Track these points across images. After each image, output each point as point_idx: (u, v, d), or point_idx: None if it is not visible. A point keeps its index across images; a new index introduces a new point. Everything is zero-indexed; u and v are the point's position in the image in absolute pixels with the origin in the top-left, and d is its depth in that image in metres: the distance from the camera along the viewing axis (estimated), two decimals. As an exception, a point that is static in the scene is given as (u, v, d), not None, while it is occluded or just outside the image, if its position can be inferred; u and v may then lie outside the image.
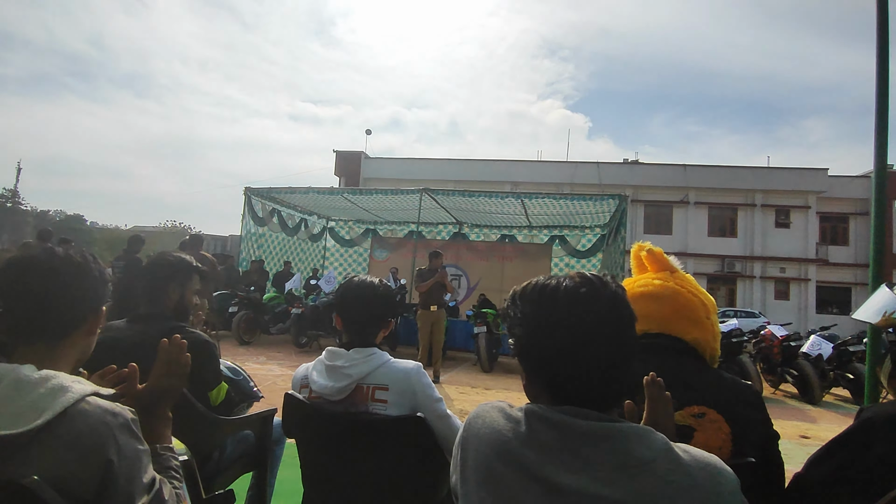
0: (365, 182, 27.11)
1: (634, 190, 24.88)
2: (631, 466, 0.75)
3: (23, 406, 0.82)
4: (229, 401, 2.02)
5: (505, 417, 0.86)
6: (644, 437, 0.78)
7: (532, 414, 0.82)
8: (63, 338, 1.00)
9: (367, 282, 1.63)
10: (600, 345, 0.82)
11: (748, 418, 1.27)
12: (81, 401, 0.87)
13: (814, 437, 5.25)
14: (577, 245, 12.40)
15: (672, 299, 1.40)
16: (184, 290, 1.99)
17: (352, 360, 1.49)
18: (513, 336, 0.90)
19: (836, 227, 25.41)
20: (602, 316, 0.83)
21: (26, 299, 0.97)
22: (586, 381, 0.82)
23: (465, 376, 7.55)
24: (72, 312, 1.01)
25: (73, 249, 1.07)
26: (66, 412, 0.84)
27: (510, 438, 0.82)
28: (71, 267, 1.01)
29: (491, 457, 0.82)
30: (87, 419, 0.85)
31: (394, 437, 1.43)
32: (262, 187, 11.29)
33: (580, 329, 0.82)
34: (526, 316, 0.86)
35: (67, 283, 1.00)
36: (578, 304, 0.83)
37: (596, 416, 0.80)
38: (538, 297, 0.87)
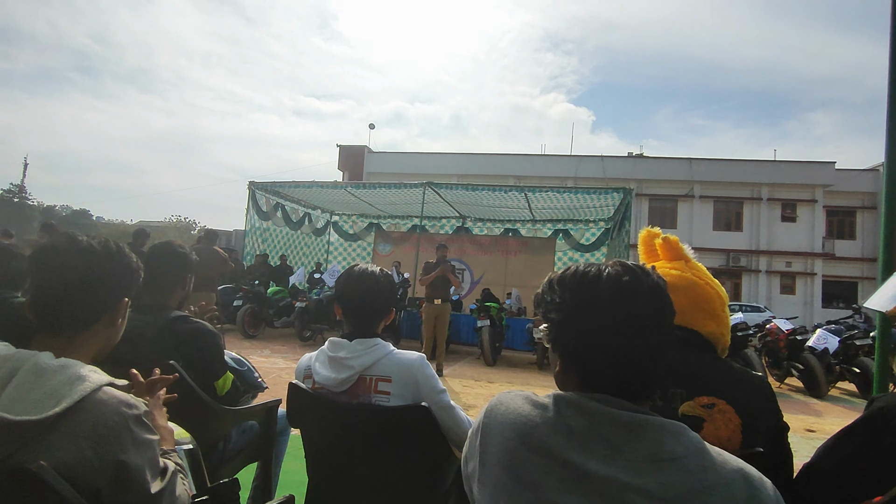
0: (368, 176, 27.09)
1: (639, 184, 24.76)
2: (662, 459, 0.73)
3: (41, 393, 0.83)
4: (235, 391, 2.02)
5: (531, 403, 0.85)
6: (678, 432, 0.76)
7: (562, 400, 0.81)
8: (82, 328, 1.01)
9: (367, 271, 1.61)
10: (639, 335, 0.81)
11: (758, 409, 1.26)
12: (98, 390, 0.87)
13: (819, 430, 5.23)
14: (581, 239, 12.37)
15: (690, 290, 1.38)
16: (186, 282, 1.99)
17: (354, 352, 1.48)
18: (548, 321, 0.88)
19: (842, 221, 25.24)
20: (643, 306, 0.82)
21: (46, 290, 0.98)
22: (622, 371, 0.81)
23: (469, 370, 7.55)
24: (91, 303, 1.01)
25: (97, 237, 1.06)
26: (83, 401, 0.84)
27: (538, 423, 0.80)
28: (91, 256, 1.01)
29: (515, 441, 0.81)
30: (104, 409, 0.86)
31: (398, 427, 1.43)
32: (266, 182, 11.29)
33: (620, 317, 0.80)
34: (565, 301, 0.85)
35: (86, 274, 1.00)
36: (620, 291, 0.82)
37: (629, 405, 0.79)
38: (578, 283, 0.85)
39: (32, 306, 0.98)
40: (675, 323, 1.33)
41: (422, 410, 1.42)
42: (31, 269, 1.00)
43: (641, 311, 0.81)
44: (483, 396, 5.60)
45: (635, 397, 0.81)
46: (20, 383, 0.84)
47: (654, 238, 1.58)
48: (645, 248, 1.60)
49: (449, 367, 7.56)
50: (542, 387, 6.61)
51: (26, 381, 0.84)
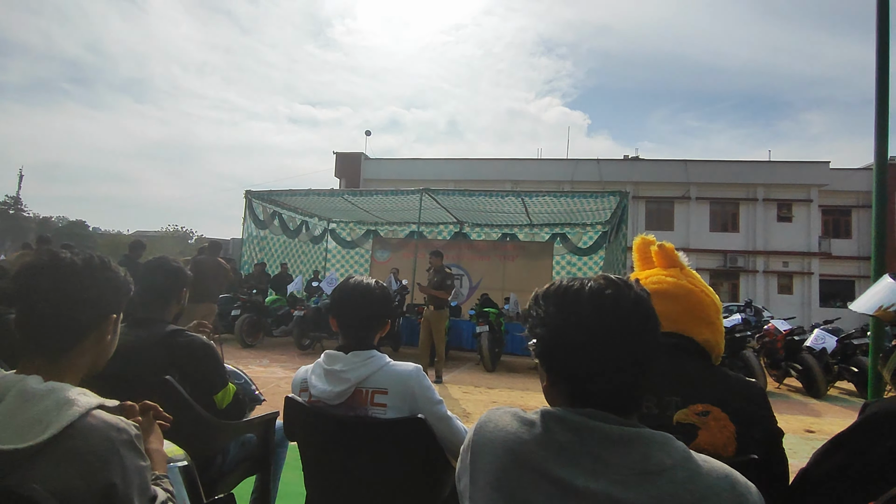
0: (365, 183, 27.10)
1: (635, 186, 24.81)
2: (651, 472, 0.74)
3: (28, 419, 0.82)
4: (238, 403, 1.99)
5: (519, 420, 0.85)
6: (665, 443, 0.77)
7: (549, 416, 0.82)
8: (68, 348, 0.98)
9: (363, 283, 1.61)
10: (623, 347, 0.81)
11: (752, 416, 1.27)
12: (87, 415, 0.86)
13: (819, 431, 5.23)
14: (579, 243, 12.38)
15: (686, 298, 1.39)
16: (182, 296, 1.99)
17: (350, 364, 1.48)
18: (534, 336, 0.89)
19: (838, 220, 25.31)
20: (626, 318, 0.82)
21: (29, 310, 0.96)
22: (608, 384, 0.81)
23: (468, 376, 7.54)
24: (76, 323, 0.98)
25: (80, 253, 1.03)
26: (71, 426, 0.83)
27: (526, 440, 0.81)
28: (74, 274, 0.98)
29: (504, 459, 0.81)
30: (92, 434, 0.85)
31: (395, 439, 1.43)
32: (263, 190, 11.30)
33: (604, 330, 0.81)
34: (549, 315, 0.85)
35: (70, 293, 0.97)
36: (603, 305, 0.83)
37: (616, 419, 0.79)
38: (562, 298, 0.86)
39: (18, 326, 0.97)
40: (670, 330, 1.34)
41: (418, 423, 1.42)
42: (14, 289, 0.97)
43: (624, 323, 0.82)
44: (483, 403, 5.59)
45: (622, 410, 0.82)
46: (7, 409, 0.83)
47: (648, 245, 1.59)
48: (640, 255, 1.61)
49: (448, 374, 7.55)
50: (542, 391, 6.59)
51: (13, 407, 0.83)
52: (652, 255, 1.55)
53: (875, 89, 2.56)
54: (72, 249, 1.06)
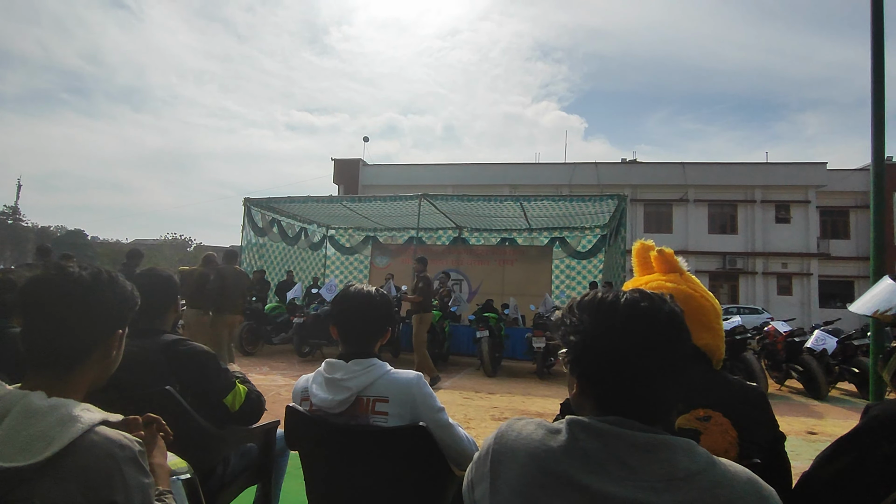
0: (364, 189, 27.14)
1: (633, 189, 24.87)
2: (677, 478, 0.75)
3: (32, 436, 0.82)
4: (252, 402, 1.97)
5: (543, 428, 0.86)
6: (690, 449, 0.78)
7: (575, 424, 0.83)
8: (74, 364, 0.98)
9: (363, 291, 1.61)
10: (656, 358, 0.83)
11: (754, 420, 1.27)
12: (90, 431, 0.86)
13: (821, 433, 5.22)
14: (578, 246, 12.40)
15: (686, 303, 1.39)
16: (177, 305, 2.00)
17: (351, 373, 1.48)
18: (566, 344, 0.90)
19: (836, 220, 25.37)
20: (660, 330, 0.84)
21: (36, 325, 0.96)
22: (638, 393, 0.83)
23: (469, 381, 7.52)
24: (82, 339, 0.98)
25: (89, 268, 1.02)
26: (74, 443, 0.83)
27: (551, 447, 0.82)
28: (82, 289, 0.98)
29: (529, 467, 0.82)
30: (95, 451, 0.84)
31: (396, 448, 1.42)
32: (262, 198, 11.32)
33: (638, 340, 0.83)
34: (584, 323, 0.87)
35: (77, 309, 0.97)
36: (638, 315, 0.84)
37: (641, 426, 0.80)
38: (598, 307, 0.87)
39: (23, 342, 0.96)
40: None
41: (419, 430, 1.41)
42: (21, 304, 0.97)
43: (658, 335, 0.83)
44: (484, 408, 5.58)
45: (650, 419, 0.83)
46: (11, 425, 0.83)
47: (648, 250, 1.60)
48: (639, 260, 1.62)
49: (449, 379, 7.54)
50: (543, 396, 6.59)
51: (17, 423, 0.83)
52: (651, 260, 1.55)
53: (871, 90, 2.57)
54: (80, 263, 1.05)
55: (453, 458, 1.49)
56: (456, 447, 1.49)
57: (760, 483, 0.78)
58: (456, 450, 1.49)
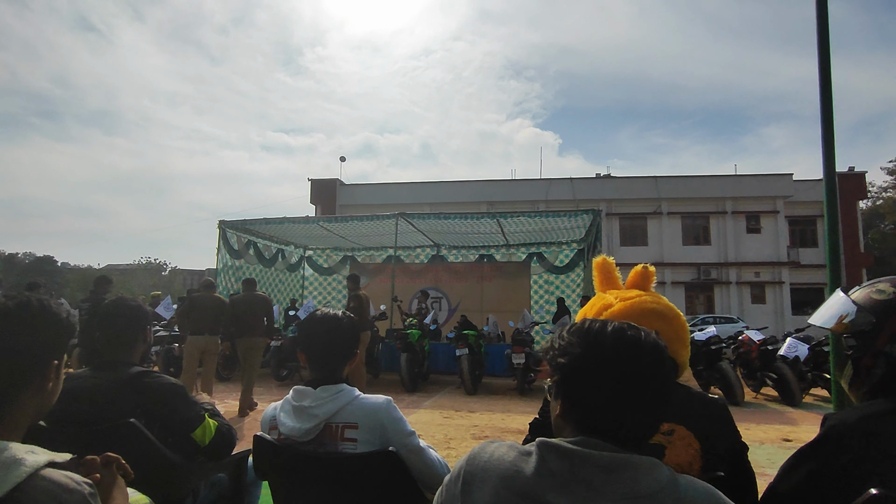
0: (341, 209, 27.04)
1: (608, 203, 25.28)
2: (640, 496, 0.77)
3: None
4: (223, 437, 1.91)
5: (514, 450, 0.88)
6: (652, 468, 0.80)
7: (544, 445, 0.85)
8: (7, 401, 0.92)
9: (329, 315, 1.61)
10: (636, 384, 0.86)
11: (716, 433, 1.29)
12: (35, 476, 0.81)
13: (796, 439, 5.30)
14: (555, 261, 12.50)
15: (676, 320, 1.43)
16: (147, 334, 1.96)
17: (319, 399, 1.46)
18: (554, 365, 0.92)
19: (804, 229, 26.11)
20: (643, 358, 0.87)
21: None
22: (616, 417, 0.85)
23: (449, 400, 7.47)
24: (11, 375, 0.93)
25: (15, 297, 0.97)
26: (17, 489, 0.78)
27: (522, 469, 0.84)
28: (7, 322, 0.93)
29: (499, 488, 0.84)
30: (40, 496, 0.79)
31: (366, 474, 1.41)
32: (237, 220, 11.18)
33: (621, 365, 0.86)
34: (571, 345, 0.90)
35: (4, 340, 0.92)
36: (623, 341, 0.88)
37: (609, 447, 0.83)
38: (586, 331, 0.91)
39: None
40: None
41: (389, 456, 1.40)
42: None
43: (641, 363, 0.87)
44: (465, 427, 5.53)
45: (622, 442, 0.85)
46: None
47: (609, 266, 1.63)
48: (603, 275, 1.64)
49: (430, 399, 7.49)
50: (524, 412, 6.57)
51: None
52: (635, 274, 1.58)
53: (819, 106, 2.68)
54: (38, 288, 1.00)
55: (425, 482, 1.48)
56: (427, 472, 1.48)
57: (721, 498, 0.81)
58: (427, 474, 1.48)
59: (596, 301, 1.51)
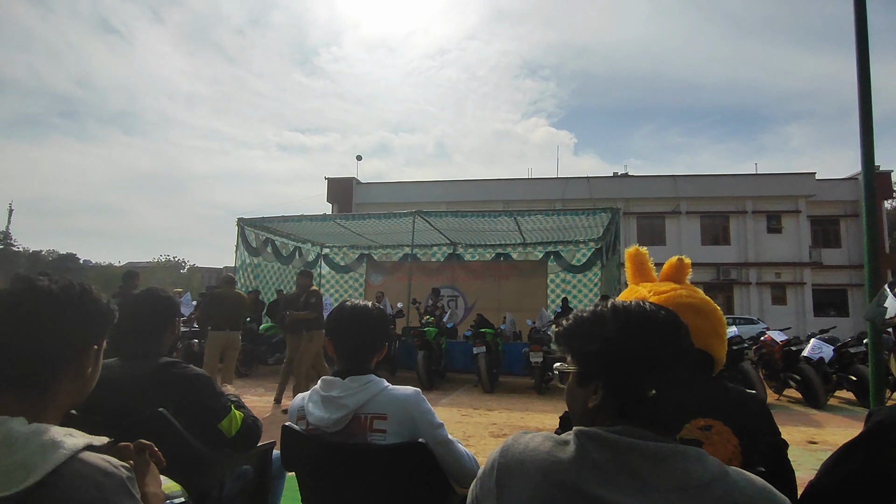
0: (357, 207, 27.17)
1: (626, 203, 25.04)
2: (690, 487, 0.74)
3: (12, 465, 0.77)
4: (249, 428, 1.93)
5: (550, 440, 0.85)
6: (701, 458, 0.77)
7: (583, 435, 0.82)
8: (47, 383, 0.92)
9: (360, 306, 1.60)
10: (674, 367, 0.84)
11: (755, 428, 1.26)
12: (73, 458, 0.81)
13: (822, 442, 5.20)
14: (573, 260, 12.43)
15: (713, 315, 1.40)
16: (175, 327, 1.97)
17: (347, 390, 1.46)
18: (584, 355, 0.89)
19: (827, 230, 25.58)
20: (679, 339, 0.86)
21: (2, 343, 0.89)
22: (659, 402, 0.83)
23: (467, 398, 7.46)
24: (52, 356, 0.92)
25: (59, 281, 0.96)
26: (57, 471, 0.78)
27: (560, 459, 0.80)
28: (51, 303, 0.92)
29: (537, 480, 0.80)
30: (79, 480, 0.79)
31: (395, 465, 1.40)
32: (255, 217, 11.30)
33: (662, 348, 0.84)
34: (610, 332, 0.86)
35: (45, 324, 0.91)
36: (661, 325, 0.86)
37: (651, 435, 0.79)
38: (625, 316, 0.88)
39: None
40: (697, 347, 1.34)
41: (418, 447, 1.39)
42: None
43: (678, 344, 0.85)
44: (483, 425, 5.52)
45: (664, 428, 0.82)
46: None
47: (642, 257, 1.60)
48: (634, 266, 1.61)
49: (447, 396, 7.49)
50: (542, 411, 6.53)
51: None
52: (669, 267, 1.55)
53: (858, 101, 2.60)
54: (50, 277, 1.00)
55: (453, 474, 1.46)
56: (456, 464, 1.46)
57: (774, 492, 0.77)
58: (456, 466, 1.46)
59: (628, 293, 1.48)
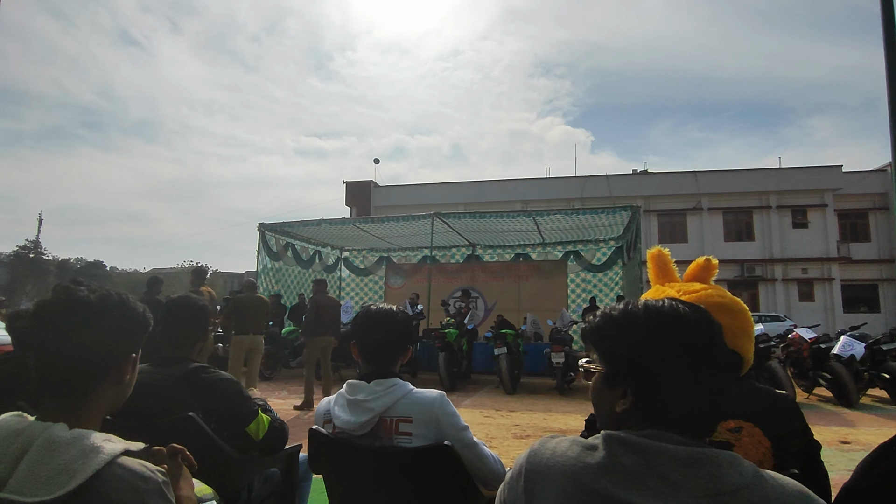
0: (376, 210, 27.33)
1: (646, 200, 24.74)
2: (724, 492, 0.72)
3: (55, 469, 0.80)
4: (276, 432, 1.95)
5: (578, 445, 0.83)
6: (735, 462, 0.75)
7: (612, 439, 0.80)
8: (88, 390, 0.96)
9: (384, 309, 1.62)
10: (705, 369, 0.81)
11: (786, 429, 1.24)
12: (113, 463, 0.84)
13: (854, 441, 5.07)
14: (593, 259, 12.32)
15: (742, 315, 1.37)
16: (207, 334, 2.00)
17: (373, 393, 1.47)
18: (610, 357, 0.88)
19: (855, 223, 24.92)
20: (708, 340, 0.83)
21: (46, 352, 0.93)
22: (696, 407, 0.81)
23: (489, 399, 7.45)
24: (94, 364, 0.96)
25: (97, 290, 0.99)
26: (96, 476, 0.81)
27: (589, 464, 0.79)
28: (91, 313, 0.95)
29: (566, 485, 0.79)
30: (118, 485, 0.83)
31: (422, 468, 1.41)
32: (275, 222, 11.44)
33: (690, 351, 0.82)
34: (639, 334, 0.84)
35: (87, 333, 0.94)
36: (688, 326, 0.83)
37: (681, 440, 0.78)
38: (645, 317, 0.86)
39: (35, 369, 0.94)
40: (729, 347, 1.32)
41: (445, 450, 1.40)
42: (30, 330, 0.94)
43: (707, 345, 0.83)
44: (505, 427, 5.50)
45: (695, 432, 0.80)
46: (33, 459, 0.82)
47: (665, 258, 1.58)
48: (657, 267, 1.59)
49: (469, 398, 7.48)
50: (565, 412, 6.49)
51: (39, 457, 0.82)
52: (695, 267, 1.53)
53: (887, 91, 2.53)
54: (88, 286, 1.00)
55: (479, 476, 1.47)
56: (482, 466, 1.47)
57: (812, 496, 0.75)
58: (482, 468, 1.47)
59: (655, 293, 1.47)
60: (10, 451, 0.83)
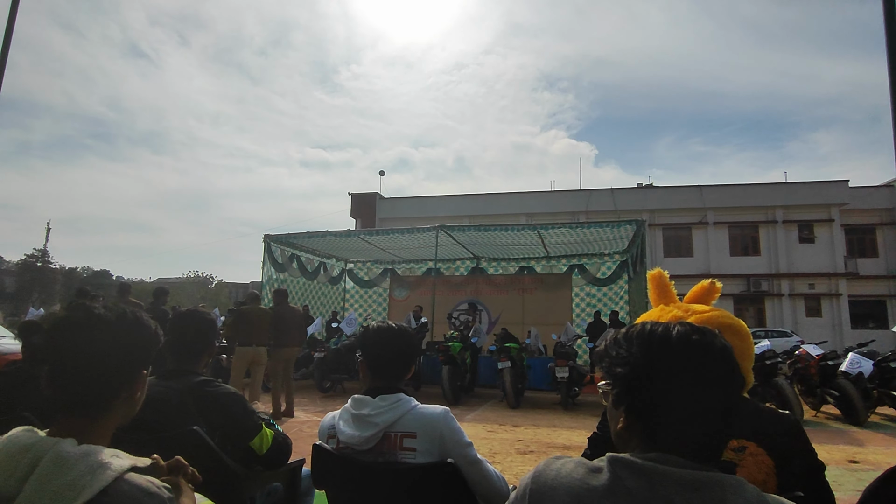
0: (381, 222, 27.43)
1: (651, 214, 24.73)
2: None
3: (63, 485, 0.81)
4: (279, 447, 1.96)
5: (583, 467, 0.83)
6: (738, 487, 0.75)
7: (617, 462, 0.80)
8: (101, 407, 0.97)
9: (388, 326, 1.64)
10: (709, 392, 0.81)
11: (790, 449, 1.23)
12: (120, 479, 0.85)
13: (863, 461, 4.99)
14: (598, 273, 12.29)
15: (747, 337, 1.38)
16: (213, 348, 2.01)
17: (378, 408, 1.48)
18: (613, 376, 0.88)
19: (862, 238, 24.77)
20: (714, 364, 0.82)
21: (62, 369, 0.95)
22: (693, 429, 0.81)
23: (492, 414, 7.40)
24: (109, 381, 0.97)
25: (114, 309, 1.01)
26: (104, 492, 0.82)
27: (594, 487, 0.79)
28: (108, 331, 0.97)
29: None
30: (124, 500, 0.84)
31: (425, 485, 1.41)
32: (281, 234, 11.50)
33: (692, 373, 0.81)
34: (634, 356, 0.85)
35: (103, 351, 0.96)
36: (692, 348, 0.83)
37: (686, 463, 0.77)
38: (648, 338, 0.86)
39: (50, 385, 0.95)
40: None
41: (448, 467, 1.40)
42: (47, 346, 0.96)
43: (712, 369, 0.82)
44: (509, 442, 5.46)
45: (699, 456, 0.80)
46: (42, 475, 0.82)
47: (664, 279, 1.59)
48: (658, 288, 1.60)
49: (472, 412, 7.44)
50: (569, 427, 6.44)
51: (48, 473, 0.83)
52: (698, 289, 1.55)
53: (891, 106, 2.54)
54: (104, 304, 1.04)
55: (482, 494, 1.46)
56: (485, 483, 1.46)
57: None
58: (485, 486, 1.46)
59: (661, 314, 1.47)
60: (20, 467, 0.84)
